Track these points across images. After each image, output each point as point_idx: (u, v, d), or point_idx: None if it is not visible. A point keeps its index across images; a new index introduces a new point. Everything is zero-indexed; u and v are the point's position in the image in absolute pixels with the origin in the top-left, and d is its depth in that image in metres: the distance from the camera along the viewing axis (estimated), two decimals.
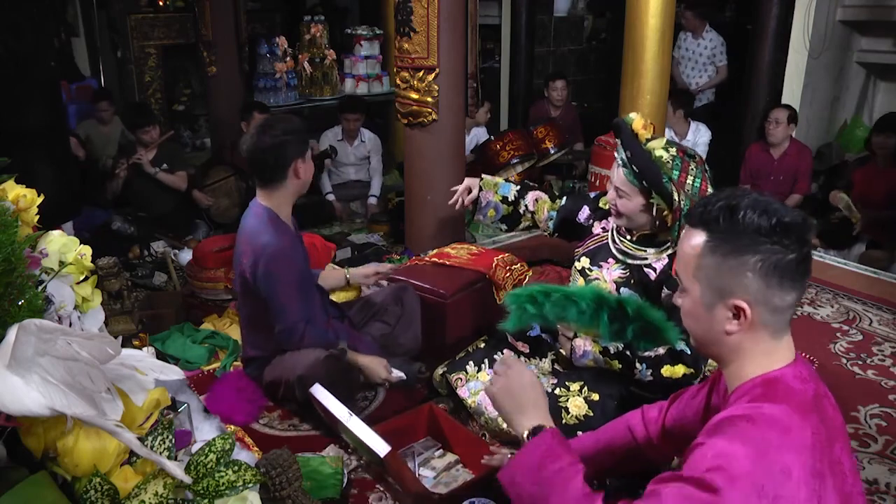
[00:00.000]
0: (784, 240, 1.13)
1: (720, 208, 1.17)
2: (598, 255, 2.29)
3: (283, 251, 2.29)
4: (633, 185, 2.09)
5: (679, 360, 2.04)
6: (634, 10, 3.71)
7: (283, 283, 2.30)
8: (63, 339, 0.99)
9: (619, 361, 2.10)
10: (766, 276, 1.13)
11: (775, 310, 1.16)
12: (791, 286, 1.15)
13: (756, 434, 1.08)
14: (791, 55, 5.09)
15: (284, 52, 5.68)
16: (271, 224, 2.33)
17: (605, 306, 1.82)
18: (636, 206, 2.12)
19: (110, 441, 1.10)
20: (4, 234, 1.16)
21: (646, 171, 2.04)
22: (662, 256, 2.16)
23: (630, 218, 2.15)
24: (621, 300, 1.84)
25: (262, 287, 2.32)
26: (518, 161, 4.80)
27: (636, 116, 2.13)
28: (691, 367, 2.04)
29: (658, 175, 2.02)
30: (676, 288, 1.99)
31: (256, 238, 2.32)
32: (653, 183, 2.04)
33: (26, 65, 2.79)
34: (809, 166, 4.64)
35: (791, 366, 1.19)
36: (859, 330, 3.15)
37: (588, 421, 2.08)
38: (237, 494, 1.20)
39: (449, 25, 3.21)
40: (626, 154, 2.08)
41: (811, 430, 1.10)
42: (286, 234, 2.36)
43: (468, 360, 2.40)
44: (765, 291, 1.14)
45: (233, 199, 4.74)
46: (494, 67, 7.43)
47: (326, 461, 2.06)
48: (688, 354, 2.04)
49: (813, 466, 1.07)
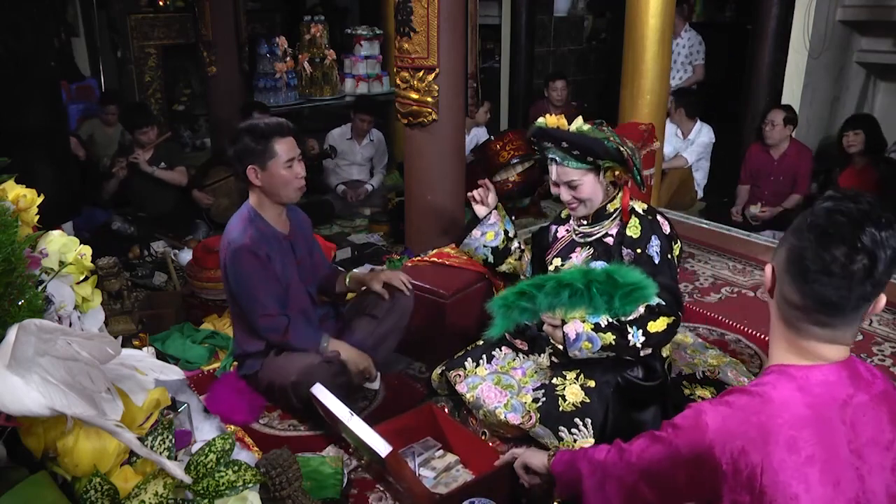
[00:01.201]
0: (819, 248, 1.12)
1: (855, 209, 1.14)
2: (566, 251, 2.38)
3: (243, 247, 2.33)
4: (580, 169, 2.22)
5: (659, 314, 2.10)
6: (634, 10, 3.71)
7: (244, 277, 2.36)
8: (63, 339, 0.99)
9: (611, 332, 2.11)
10: (787, 259, 1.17)
11: (787, 301, 1.18)
12: (797, 284, 1.15)
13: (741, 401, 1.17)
14: (791, 55, 5.09)
15: (284, 52, 5.68)
16: (243, 222, 2.40)
17: (594, 281, 1.84)
18: (591, 184, 2.24)
19: (110, 441, 1.10)
20: (4, 234, 1.16)
21: (590, 145, 2.16)
22: (616, 223, 2.28)
23: (592, 199, 2.27)
24: (608, 270, 1.86)
25: (231, 282, 2.39)
26: (518, 161, 4.80)
27: (543, 120, 2.27)
28: (671, 314, 2.10)
29: (600, 142, 2.15)
30: (634, 246, 2.13)
31: (226, 234, 2.41)
32: (600, 151, 2.16)
33: (26, 65, 2.80)
34: (809, 167, 4.64)
35: (820, 368, 1.18)
36: (859, 330, 3.15)
37: (585, 408, 2.10)
38: (237, 494, 1.21)
39: (449, 25, 3.21)
40: (563, 145, 2.19)
41: (808, 428, 1.11)
42: (258, 231, 2.39)
43: (466, 357, 2.42)
44: (782, 272, 1.18)
45: (233, 199, 4.74)
46: (494, 67, 7.43)
47: (326, 461, 2.06)
48: (664, 305, 2.09)
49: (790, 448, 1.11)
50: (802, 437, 1.11)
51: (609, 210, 2.30)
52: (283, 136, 2.38)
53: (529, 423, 2.15)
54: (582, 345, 2.15)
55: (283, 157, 2.36)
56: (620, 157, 2.15)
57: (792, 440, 1.11)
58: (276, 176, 2.36)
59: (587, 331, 2.13)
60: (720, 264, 3.89)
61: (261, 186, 2.39)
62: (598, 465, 1.45)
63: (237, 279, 2.36)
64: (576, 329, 2.15)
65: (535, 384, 2.27)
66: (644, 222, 2.23)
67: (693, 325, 3.13)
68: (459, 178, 3.50)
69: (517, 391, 2.27)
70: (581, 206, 2.28)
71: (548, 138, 2.23)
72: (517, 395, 2.25)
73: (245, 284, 2.36)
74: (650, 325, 2.10)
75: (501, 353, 2.42)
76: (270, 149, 2.35)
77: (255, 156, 2.35)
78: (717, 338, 3.07)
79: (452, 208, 3.37)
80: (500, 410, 2.21)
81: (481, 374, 2.35)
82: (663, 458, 1.27)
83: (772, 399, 1.15)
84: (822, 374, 1.17)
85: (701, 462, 1.18)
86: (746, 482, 1.11)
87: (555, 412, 2.12)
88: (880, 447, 1.16)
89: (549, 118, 2.26)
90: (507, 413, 2.20)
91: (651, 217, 2.24)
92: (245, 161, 2.36)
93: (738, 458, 1.13)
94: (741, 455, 1.13)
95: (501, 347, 2.43)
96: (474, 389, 2.30)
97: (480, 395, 2.28)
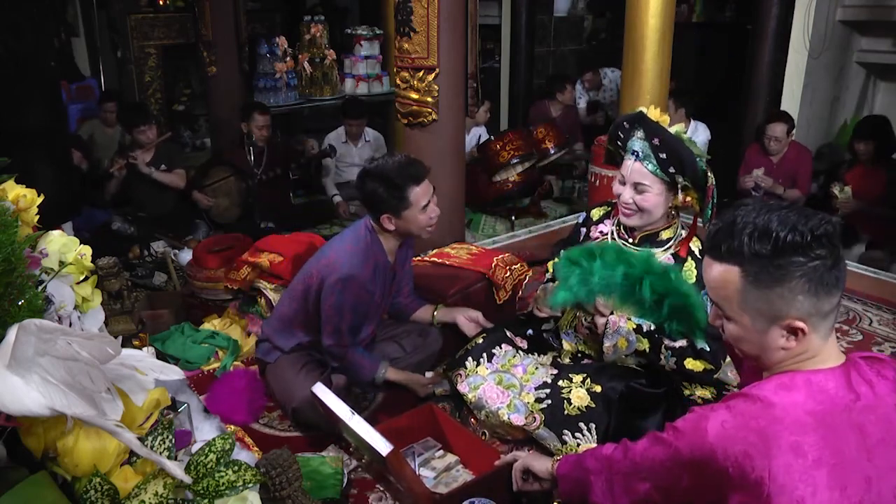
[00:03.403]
0: (819, 250, 1.12)
1: (749, 237, 1.14)
2: None
3: (359, 279, 2.27)
4: (655, 176, 2.06)
5: (700, 357, 2.06)
6: (634, 10, 3.70)
7: (342, 303, 2.29)
8: (63, 339, 0.99)
9: (648, 341, 2.10)
10: (815, 292, 1.14)
11: (825, 315, 1.17)
12: (835, 287, 1.15)
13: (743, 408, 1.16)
14: (791, 55, 5.09)
15: (284, 52, 5.68)
16: (365, 250, 2.32)
17: (650, 273, 1.78)
18: (659, 196, 2.09)
19: (110, 441, 1.10)
20: (4, 234, 1.16)
21: (678, 154, 1.99)
22: (666, 255, 2.15)
23: (652, 213, 2.12)
24: (667, 267, 1.81)
25: (325, 298, 2.31)
26: (518, 161, 4.81)
27: (649, 108, 2.10)
28: (711, 363, 2.07)
29: (691, 155, 1.99)
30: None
31: (342, 253, 2.31)
32: (687, 164, 1.99)
33: (26, 65, 2.79)
34: (809, 167, 4.64)
35: (822, 372, 1.18)
36: (859, 330, 3.15)
37: (590, 412, 2.08)
38: (237, 494, 1.20)
39: (449, 25, 3.20)
40: (654, 141, 2.03)
41: (811, 433, 1.11)
42: (375, 263, 2.34)
43: (467, 357, 2.41)
44: (816, 304, 1.15)
45: (232, 199, 4.74)
46: (494, 67, 7.43)
47: (326, 461, 2.06)
48: (707, 352, 2.06)
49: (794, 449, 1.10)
50: (807, 441, 1.10)
51: (662, 238, 2.17)
52: (418, 182, 2.26)
53: (533, 425, 2.14)
54: (619, 340, 2.12)
55: (420, 203, 2.26)
56: (703, 182, 2.00)
57: (796, 444, 1.10)
58: (411, 222, 2.29)
59: (629, 328, 2.11)
60: None
61: (393, 231, 2.32)
62: (605, 460, 1.46)
63: (335, 302, 2.28)
64: (620, 322, 2.12)
65: (537, 382, 2.26)
66: (700, 268, 2.02)
67: None
68: (459, 178, 3.50)
69: (519, 391, 2.26)
70: (637, 215, 2.13)
71: (646, 128, 2.05)
72: (519, 394, 2.24)
73: (338, 308, 2.30)
74: (688, 361, 2.07)
75: (501, 350, 2.41)
76: (406, 199, 2.24)
77: (389, 206, 2.25)
78: None
79: (452, 208, 3.37)
80: (503, 411, 2.20)
81: (482, 373, 2.34)
82: (665, 459, 1.27)
83: (773, 404, 1.14)
84: (824, 378, 1.16)
85: (704, 466, 1.18)
86: (754, 486, 1.11)
87: (560, 415, 2.11)
88: (890, 447, 1.15)
89: (652, 110, 2.08)
90: (510, 414, 2.19)
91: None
92: (379, 209, 2.27)
93: (742, 462, 1.12)
94: (745, 459, 1.12)
95: (501, 345, 2.41)
96: (476, 389, 2.30)
97: (482, 396, 2.27)
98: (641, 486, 1.35)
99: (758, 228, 1.14)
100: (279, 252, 3.07)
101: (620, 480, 1.40)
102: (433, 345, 2.62)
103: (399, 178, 2.24)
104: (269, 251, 3.11)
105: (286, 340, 2.45)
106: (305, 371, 2.39)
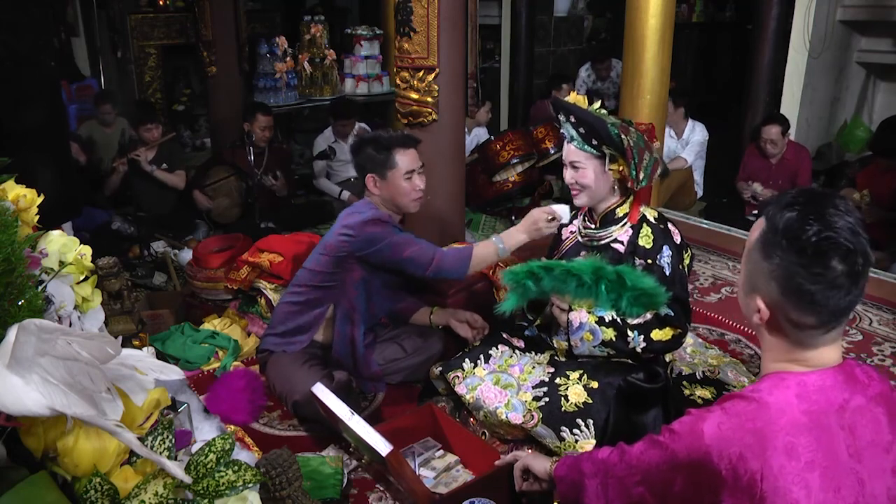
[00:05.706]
0: (816, 269, 1.09)
1: (791, 216, 1.11)
2: (571, 254, 2.36)
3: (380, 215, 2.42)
4: (585, 152, 2.18)
5: (666, 324, 2.10)
6: (634, 10, 3.70)
7: (383, 237, 2.38)
8: (63, 339, 0.99)
9: (613, 329, 2.14)
10: (786, 294, 1.12)
11: (794, 324, 1.15)
12: (809, 309, 1.12)
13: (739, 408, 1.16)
14: (791, 55, 5.09)
15: (284, 52, 5.68)
16: (369, 208, 2.46)
17: (603, 278, 1.84)
18: (593, 172, 2.19)
19: (110, 441, 1.10)
20: (4, 234, 1.16)
21: (591, 125, 2.12)
22: (625, 229, 2.24)
23: (592, 188, 2.21)
24: (619, 271, 1.85)
25: (367, 254, 2.40)
26: (518, 161, 4.81)
27: (569, 95, 2.26)
28: (679, 327, 2.11)
29: (604, 124, 2.10)
30: (646, 256, 2.10)
31: (354, 213, 2.45)
32: (602, 132, 2.11)
33: (26, 65, 2.79)
34: (809, 167, 4.63)
35: (816, 373, 1.17)
36: (859, 330, 3.16)
37: (587, 408, 2.10)
38: (237, 494, 1.20)
39: (449, 25, 3.20)
40: (571, 119, 2.16)
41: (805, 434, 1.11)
42: (384, 220, 2.44)
43: (464, 358, 2.41)
44: (782, 301, 1.13)
45: (233, 199, 4.74)
46: (494, 67, 7.43)
47: (326, 461, 2.06)
48: (672, 316, 2.09)
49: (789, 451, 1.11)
50: (801, 443, 1.11)
51: (618, 214, 2.26)
52: (405, 147, 2.42)
53: (531, 423, 2.14)
54: (584, 335, 2.17)
55: (404, 168, 2.40)
56: (620, 145, 2.10)
57: (791, 446, 1.10)
58: (394, 186, 2.40)
59: (591, 322, 2.15)
60: (720, 264, 3.89)
61: (378, 195, 2.43)
62: (601, 464, 1.46)
63: (378, 238, 2.37)
64: (580, 318, 2.18)
65: (535, 381, 2.27)
66: (656, 231, 2.19)
67: (693, 325, 3.13)
68: (459, 178, 3.50)
69: (517, 390, 2.26)
70: (582, 193, 2.24)
71: (563, 111, 2.20)
72: (517, 393, 2.25)
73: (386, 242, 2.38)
74: (654, 332, 2.10)
75: (498, 351, 2.42)
76: (391, 159, 2.39)
77: (375, 164, 2.39)
78: (717, 338, 3.07)
79: (452, 208, 3.37)
80: (501, 410, 2.21)
81: (480, 374, 2.34)
82: (661, 461, 1.27)
83: (768, 405, 1.14)
84: (818, 379, 1.16)
85: (699, 467, 1.18)
86: (747, 487, 1.11)
87: (557, 412, 2.11)
88: (880, 449, 1.15)
89: (573, 95, 2.25)
90: (508, 413, 2.20)
91: (663, 226, 2.21)
92: (365, 168, 2.41)
93: (736, 464, 1.12)
94: (740, 461, 1.12)
95: (498, 346, 2.43)
96: (474, 390, 2.30)
97: (480, 396, 2.27)
98: (636, 489, 1.35)
99: (799, 214, 1.11)
100: (279, 252, 3.08)
101: (615, 484, 1.40)
102: (434, 346, 2.63)
103: (387, 140, 2.43)
104: (269, 251, 3.12)
105: (290, 343, 2.48)
106: (308, 365, 2.40)
